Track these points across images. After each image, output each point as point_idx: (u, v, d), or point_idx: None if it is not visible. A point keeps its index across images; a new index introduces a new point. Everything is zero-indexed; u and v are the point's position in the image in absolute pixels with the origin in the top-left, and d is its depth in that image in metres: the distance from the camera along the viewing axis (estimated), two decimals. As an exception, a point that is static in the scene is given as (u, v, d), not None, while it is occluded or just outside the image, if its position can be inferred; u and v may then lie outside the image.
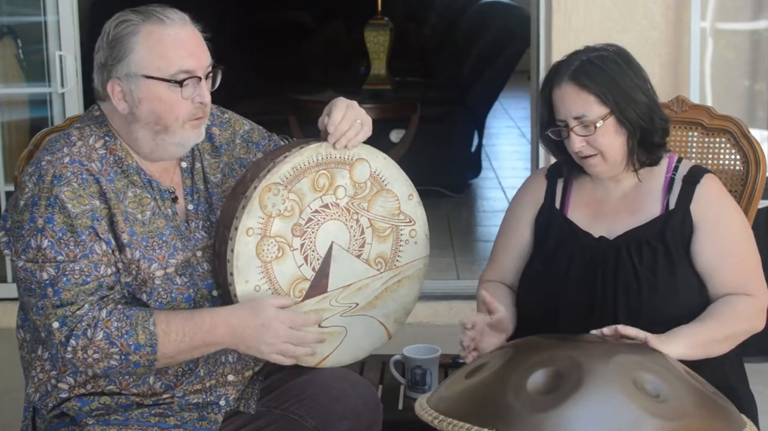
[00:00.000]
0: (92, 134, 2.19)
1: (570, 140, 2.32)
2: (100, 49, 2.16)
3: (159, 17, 2.14)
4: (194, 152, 2.30)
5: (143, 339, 2.06)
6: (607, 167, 2.35)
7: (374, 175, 2.29)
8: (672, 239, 2.32)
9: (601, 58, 2.32)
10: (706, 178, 2.37)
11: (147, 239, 2.16)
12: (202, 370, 2.21)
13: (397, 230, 2.34)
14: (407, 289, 2.37)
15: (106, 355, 2.06)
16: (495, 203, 6.41)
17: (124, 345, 2.06)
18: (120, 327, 2.06)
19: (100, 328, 2.05)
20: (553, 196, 2.47)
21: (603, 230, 2.38)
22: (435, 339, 3.04)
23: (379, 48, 6.06)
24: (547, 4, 4.20)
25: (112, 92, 2.15)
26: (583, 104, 2.29)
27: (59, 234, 2.07)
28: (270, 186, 2.14)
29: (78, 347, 2.05)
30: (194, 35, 2.18)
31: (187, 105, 2.15)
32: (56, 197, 2.08)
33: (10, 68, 4.67)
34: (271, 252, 2.17)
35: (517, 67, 6.59)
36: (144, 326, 2.07)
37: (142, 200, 2.18)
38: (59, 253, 2.07)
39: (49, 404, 2.19)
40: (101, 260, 2.10)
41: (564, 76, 2.31)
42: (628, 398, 1.85)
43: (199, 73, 2.15)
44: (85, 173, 2.12)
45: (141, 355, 2.07)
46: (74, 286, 2.07)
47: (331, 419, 2.27)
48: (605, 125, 2.29)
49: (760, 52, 4.36)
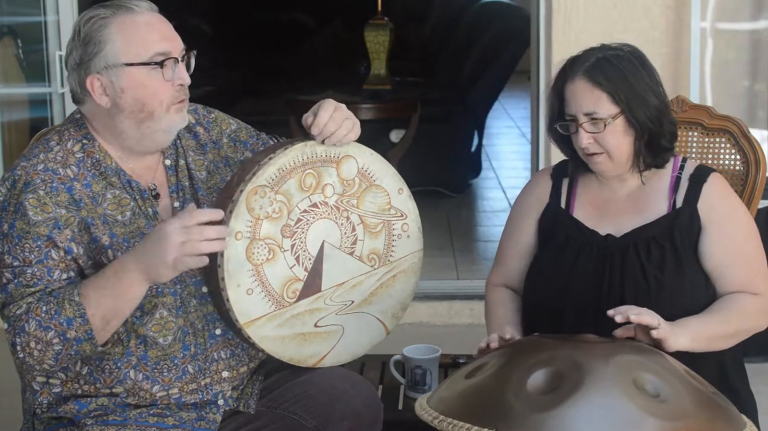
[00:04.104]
0: (70, 137, 2.20)
1: (578, 136, 2.32)
2: (73, 50, 2.17)
3: (128, 6, 2.17)
4: (178, 149, 2.31)
5: (71, 312, 2.05)
6: (611, 166, 2.35)
7: (362, 171, 2.29)
8: (680, 237, 2.32)
9: (616, 57, 2.32)
10: (712, 176, 2.37)
11: (128, 239, 2.16)
12: (190, 366, 2.21)
13: (388, 225, 2.33)
14: (403, 284, 2.37)
15: (47, 343, 2.06)
16: (495, 203, 6.41)
17: (57, 325, 2.05)
18: (48, 309, 2.06)
19: (32, 318, 2.06)
20: (559, 196, 2.47)
21: (609, 228, 2.37)
22: (435, 339, 3.04)
23: (379, 48, 6.06)
24: (547, 4, 4.20)
25: (92, 88, 2.16)
26: (594, 101, 2.29)
27: (16, 240, 2.09)
28: (256, 189, 2.14)
29: (23, 344, 2.06)
30: (164, 20, 2.21)
31: (168, 88, 2.17)
32: (20, 204, 2.10)
33: (10, 68, 4.68)
34: (262, 255, 2.17)
35: (517, 67, 6.58)
36: (69, 299, 2.06)
37: (122, 201, 2.19)
38: (15, 258, 2.09)
39: (44, 402, 2.19)
40: (57, 266, 2.10)
41: (578, 72, 2.31)
42: (628, 398, 1.85)
43: (175, 54, 2.18)
44: (56, 181, 2.13)
45: (76, 328, 2.05)
46: (23, 287, 2.08)
47: (331, 419, 2.27)
48: (614, 124, 2.29)
49: (760, 52, 4.36)
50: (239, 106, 5.78)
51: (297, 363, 2.26)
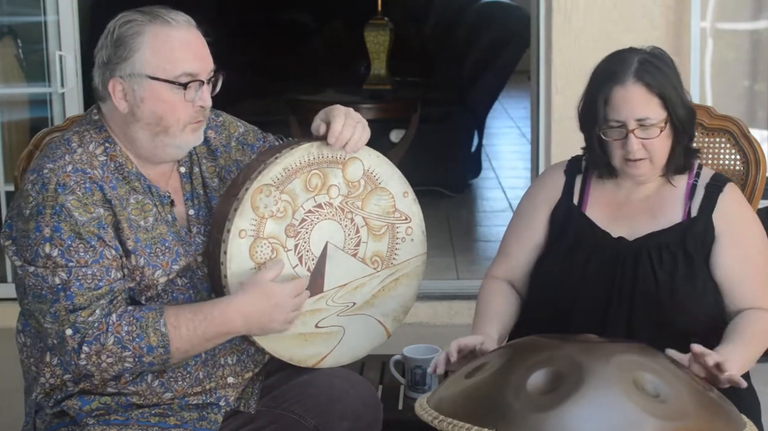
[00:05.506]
0: (92, 140, 2.18)
1: (628, 142, 2.27)
2: (103, 48, 2.16)
3: (165, 19, 2.14)
4: (192, 157, 2.30)
5: (155, 341, 2.07)
6: (651, 171, 2.32)
7: (368, 173, 2.29)
8: (693, 246, 2.30)
9: (658, 59, 2.29)
10: (728, 187, 2.36)
11: (150, 245, 2.16)
12: (200, 373, 2.21)
13: (392, 228, 2.33)
14: (405, 287, 2.37)
15: (120, 359, 2.06)
16: (495, 203, 6.41)
17: (136, 347, 2.06)
18: (130, 331, 2.06)
19: (111, 333, 2.05)
20: (572, 192, 2.43)
21: (622, 231, 2.35)
22: (435, 339, 3.03)
23: (379, 48, 6.05)
24: (547, 4, 4.20)
25: (113, 91, 2.14)
26: (647, 106, 2.25)
27: (68, 242, 2.07)
28: (261, 188, 2.14)
29: (92, 352, 2.05)
30: (199, 39, 2.18)
31: (188, 108, 2.16)
32: (62, 206, 2.07)
33: (10, 68, 4.67)
34: (265, 254, 2.17)
35: (517, 67, 6.58)
36: (155, 328, 2.07)
37: (144, 207, 2.18)
38: (69, 260, 2.06)
39: (52, 400, 2.19)
40: (111, 265, 2.10)
41: (628, 75, 2.26)
42: (628, 398, 1.85)
43: (202, 77, 2.16)
44: (88, 181, 2.11)
45: (154, 356, 2.07)
46: (87, 290, 2.06)
47: (331, 419, 2.27)
48: (666, 128, 2.26)
49: (760, 52, 4.36)
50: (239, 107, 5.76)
51: (297, 363, 2.26)
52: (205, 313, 2.11)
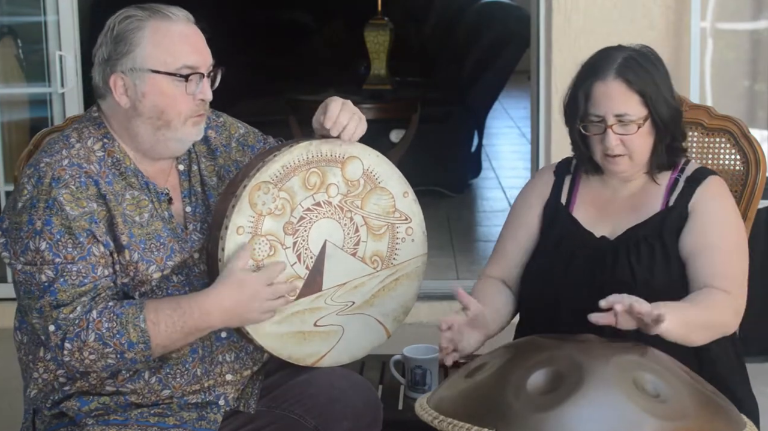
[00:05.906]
0: (90, 135, 2.19)
1: (606, 137, 2.29)
2: (103, 45, 2.17)
3: (165, 13, 2.17)
4: (191, 155, 2.31)
5: (135, 337, 2.06)
6: (631, 168, 2.33)
7: (367, 173, 2.29)
8: (669, 234, 2.31)
9: (642, 57, 2.30)
10: (710, 178, 2.36)
11: (145, 241, 2.16)
12: (198, 370, 2.21)
13: (392, 228, 2.33)
14: (406, 287, 2.37)
15: (102, 355, 2.07)
16: (495, 203, 6.41)
17: (117, 344, 2.06)
18: (111, 327, 2.06)
19: (91, 330, 2.06)
20: (560, 192, 2.46)
21: (606, 230, 2.37)
22: (435, 339, 3.02)
23: (379, 48, 6.06)
24: (547, 4, 4.20)
25: (114, 87, 2.15)
26: (626, 102, 2.27)
27: (57, 236, 2.07)
28: (260, 185, 2.15)
29: (74, 349, 2.06)
30: (198, 33, 2.21)
31: (189, 101, 2.17)
32: (54, 200, 2.08)
33: (10, 68, 4.68)
34: (263, 251, 2.17)
35: (517, 67, 6.59)
36: (134, 323, 2.07)
37: (140, 203, 2.19)
38: (57, 255, 2.07)
39: (49, 401, 2.19)
40: (99, 262, 2.10)
41: (609, 71, 2.28)
42: (628, 398, 1.85)
43: (202, 70, 2.17)
44: (83, 175, 2.12)
45: (136, 352, 2.07)
46: (71, 287, 2.07)
47: (331, 419, 2.27)
48: (644, 126, 2.27)
49: (760, 52, 4.36)
50: (239, 107, 5.77)
51: (296, 361, 2.26)
52: (183, 308, 2.10)
